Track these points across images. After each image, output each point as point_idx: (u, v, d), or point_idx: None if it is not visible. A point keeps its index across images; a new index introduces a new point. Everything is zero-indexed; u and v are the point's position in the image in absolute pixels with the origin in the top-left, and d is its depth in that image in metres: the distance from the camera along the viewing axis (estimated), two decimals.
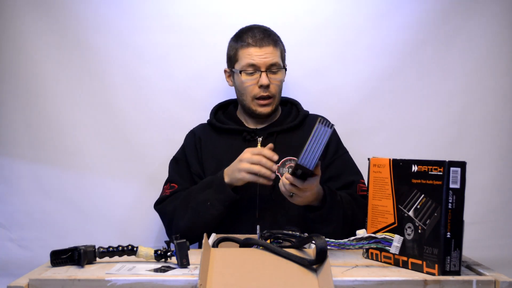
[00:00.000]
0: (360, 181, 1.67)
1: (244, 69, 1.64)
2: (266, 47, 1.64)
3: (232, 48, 1.70)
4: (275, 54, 1.65)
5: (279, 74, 1.67)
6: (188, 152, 1.73)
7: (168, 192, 1.66)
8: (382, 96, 1.99)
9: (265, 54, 1.63)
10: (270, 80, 1.64)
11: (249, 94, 1.66)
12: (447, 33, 1.97)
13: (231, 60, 1.70)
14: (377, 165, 1.28)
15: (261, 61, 1.63)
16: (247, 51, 1.64)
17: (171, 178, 1.71)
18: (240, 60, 1.66)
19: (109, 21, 1.96)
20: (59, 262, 1.19)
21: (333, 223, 1.51)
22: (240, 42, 1.66)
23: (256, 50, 1.63)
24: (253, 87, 1.65)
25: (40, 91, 1.95)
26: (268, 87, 1.64)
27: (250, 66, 1.63)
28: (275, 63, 1.65)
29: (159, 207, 1.67)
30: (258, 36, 1.64)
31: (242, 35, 1.67)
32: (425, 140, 1.98)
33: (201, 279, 1.04)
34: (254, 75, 1.64)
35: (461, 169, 1.12)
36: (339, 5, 1.98)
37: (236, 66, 1.67)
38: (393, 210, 1.23)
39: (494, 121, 1.98)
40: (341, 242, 1.19)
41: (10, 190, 1.95)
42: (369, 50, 1.98)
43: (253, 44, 1.64)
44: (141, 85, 1.97)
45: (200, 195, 1.55)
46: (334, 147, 1.72)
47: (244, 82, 1.65)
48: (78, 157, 1.96)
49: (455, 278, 1.11)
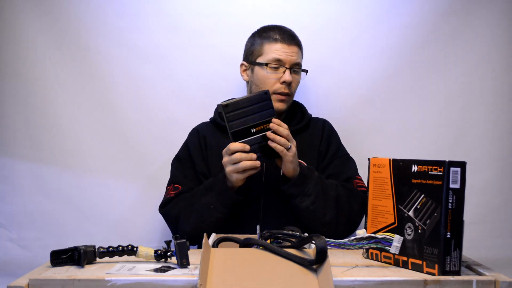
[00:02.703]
0: (356, 177, 1.67)
1: (270, 63, 1.65)
2: (293, 46, 1.66)
3: (256, 42, 1.69)
4: (299, 55, 1.69)
5: (300, 75, 1.70)
6: (192, 150, 1.72)
7: (172, 193, 1.65)
8: (382, 96, 1.99)
9: (291, 52, 1.65)
10: (292, 79, 1.65)
11: (269, 89, 1.64)
12: (447, 33, 1.97)
13: (253, 54, 1.69)
14: (377, 165, 1.28)
15: (288, 58, 1.64)
16: (275, 46, 1.65)
17: (175, 179, 1.69)
18: (265, 54, 1.66)
19: (109, 21, 1.95)
20: (59, 262, 1.19)
21: (310, 196, 1.50)
22: (267, 37, 1.67)
23: (284, 47, 1.65)
24: (275, 81, 1.65)
25: (40, 91, 1.95)
26: (290, 84, 1.65)
27: (276, 60, 1.64)
28: (299, 63, 1.68)
29: (164, 210, 1.65)
30: (286, 34, 1.67)
31: (268, 31, 1.68)
32: (425, 140, 1.99)
33: (201, 279, 1.04)
34: (278, 70, 1.65)
35: (461, 169, 1.12)
36: (339, 5, 1.98)
37: (260, 60, 1.67)
38: (393, 210, 1.23)
39: (494, 121, 1.98)
40: (341, 242, 1.19)
41: (10, 190, 1.95)
42: (369, 50, 1.98)
43: (282, 40, 1.65)
44: (141, 85, 1.97)
45: (203, 198, 1.55)
46: (334, 148, 1.73)
47: (268, 76, 1.65)
48: (78, 157, 1.96)
49: (455, 278, 1.11)
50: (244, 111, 1.44)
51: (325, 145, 1.72)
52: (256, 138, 1.46)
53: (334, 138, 1.76)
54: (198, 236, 1.48)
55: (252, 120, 1.45)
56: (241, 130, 1.45)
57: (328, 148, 1.72)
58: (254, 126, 1.45)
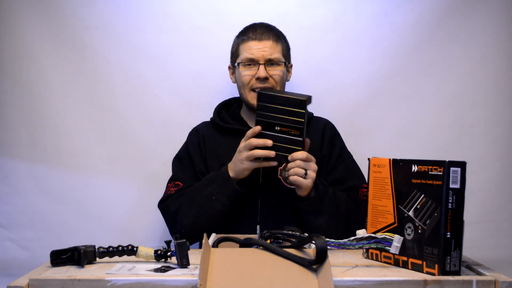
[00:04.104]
0: (362, 185, 1.66)
1: (242, 62, 1.65)
2: (266, 41, 1.65)
3: (234, 44, 1.72)
4: (275, 49, 1.66)
5: (279, 68, 1.67)
6: (191, 149, 1.73)
7: (173, 190, 1.66)
8: (383, 96, 1.99)
9: (263, 48, 1.64)
10: (269, 73, 1.64)
11: (246, 86, 1.67)
12: (447, 33, 1.97)
13: (233, 55, 1.72)
14: (377, 165, 1.28)
15: (259, 54, 1.64)
16: (247, 45, 1.65)
17: (175, 176, 1.70)
18: (240, 54, 1.67)
19: (109, 21, 1.95)
20: (59, 262, 1.19)
21: (325, 215, 1.50)
22: (241, 37, 1.69)
23: (256, 44, 1.65)
24: (250, 78, 1.66)
25: (40, 91, 1.95)
26: (267, 80, 1.64)
27: (249, 60, 1.65)
28: (274, 57, 1.66)
29: (163, 205, 1.66)
30: (259, 31, 1.66)
31: (244, 31, 1.70)
32: (425, 140, 1.98)
33: (201, 279, 1.04)
34: (252, 68, 1.65)
35: (461, 169, 1.12)
36: (339, 5, 1.98)
37: (238, 61, 1.68)
38: (393, 210, 1.23)
39: (494, 121, 1.98)
40: (341, 242, 1.19)
41: (10, 190, 1.95)
42: (369, 50, 1.98)
43: (253, 38, 1.65)
44: (141, 85, 1.97)
45: (205, 190, 1.55)
46: (338, 151, 1.72)
47: (242, 74, 1.66)
48: (78, 157, 1.96)
49: (455, 278, 1.11)
50: (276, 108, 1.45)
51: (327, 149, 1.70)
52: (277, 137, 1.47)
53: (337, 141, 1.74)
54: (196, 231, 1.49)
55: (281, 119, 1.46)
56: (266, 123, 1.47)
57: (331, 152, 1.70)
58: (280, 125, 1.46)
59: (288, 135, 1.46)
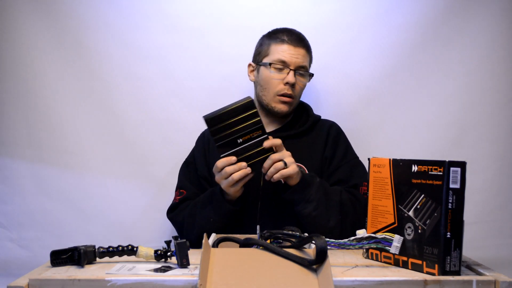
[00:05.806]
0: (363, 183, 1.65)
1: (274, 63, 1.65)
2: (300, 48, 1.66)
3: (264, 43, 1.70)
4: (305, 58, 1.68)
5: (305, 78, 1.69)
6: (196, 155, 1.74)
7: (177, 199, 1.67)
8: (382, 96, 1.99)
9: (297, 55, 1.65)
10: (296, 81, 1.65)
11: (272, 89, 1.65)
12: (447, 33, 1.97)
13: (260, 54, 1.70)
14: (377, 165, 1.28)
15: (292, 60, 1.64)
16: (281, 47, 1.65)
17: (180, 184, 1.71)
18: (271, 54, 1.66)
19: (109, 21, 1.95)
20: (59, 262, 1.19)
21: (312, 202, 1.49)
22: (275, 38, 1.68)
23: (290, 48, 1.64)
24: (278, 82, 1.65)
25: (40, 91, 1.95)
26: (294, 86, 1.65)
27: (281, 61, 1.64)
28: (304, 66, 1.67)
29: (171, 216, 1.68)
30: (294, 37, 1.67)
31: (278, 33, 1.69)
32: (425, 140, 1.98)
33: (201, 279, 1.04)
34: (282, 71, 1.65)
35: (461, 169, 1.12)
36: (339, 5, 1.98)
37: (265, 60, 1.67)
38: (393, 210, 1.23)
39: (494, 121, 1.98)
40: (341, 242, 1.19)
41: (10, 190, 1.95)
42: (369, 50, 1.98)
43: (288, 42, 1.65)
44: (141, 85, 1.97)
45: (203, 212, 1.56)
46: (342, 152, 1.71)
47: (271, 76, 1.65)
48: (78, 157, 1.96)
49: (455, 278, 1.11)
50: (229, 123, 1.42)
51: (330, 151, 1.69)
52: (244, 147, 1.44)
53: (341, 143, 1.73)
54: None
55: (239, 131, 1.43)
56: (228, 142, 1.43)
57: (334, 154, 1.69)
58: (240, 136, 1.43)
59: (252, 140, 1.43)
